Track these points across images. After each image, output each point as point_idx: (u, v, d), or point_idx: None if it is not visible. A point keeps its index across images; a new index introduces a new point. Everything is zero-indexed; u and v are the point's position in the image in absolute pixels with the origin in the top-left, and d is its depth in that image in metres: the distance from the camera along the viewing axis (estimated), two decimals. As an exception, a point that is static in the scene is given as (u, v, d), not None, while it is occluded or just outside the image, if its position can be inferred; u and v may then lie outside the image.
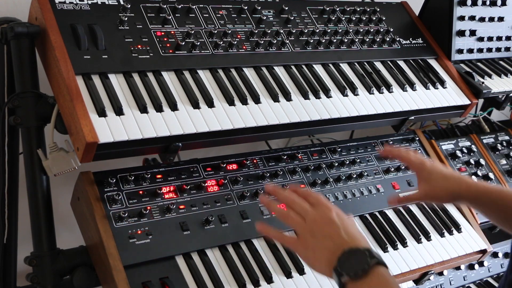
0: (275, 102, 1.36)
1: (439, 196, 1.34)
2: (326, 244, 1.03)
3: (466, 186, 1.32)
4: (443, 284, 1.62)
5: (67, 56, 1.19)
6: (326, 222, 1.06)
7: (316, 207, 1.09)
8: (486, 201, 1.31)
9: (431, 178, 1.32)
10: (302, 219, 1.08)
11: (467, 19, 1.82)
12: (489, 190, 1.32)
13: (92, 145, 1.10)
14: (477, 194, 1.31)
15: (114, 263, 1.17)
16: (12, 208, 1.38)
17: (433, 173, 1.33)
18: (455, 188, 1.31)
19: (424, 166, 1.34)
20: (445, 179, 1.32)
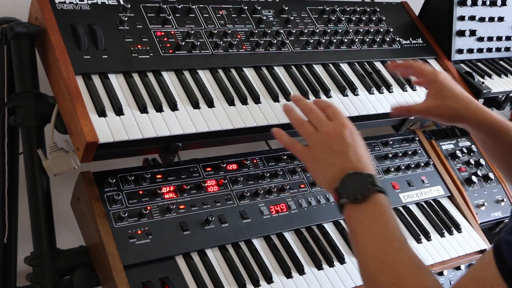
0: (275, 102, 1.36)
1: (443, 115, 1.29)
2: (333, 160, 1.05)
3: (474, 111, 1.26)
4: (443, 284, 1.62)
5: (67, 56, 1.19)
6: (337, 137, 1.06)
7: (333, 120, 1.09)
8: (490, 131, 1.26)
9: (441, 95, 1.27)
10: (315, 130, 1.09)
11: (467, 19, 1.82)
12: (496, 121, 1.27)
13: (92, 145, 1.10)
14: (483, 121, 1.26)
15: (114, 263, 1.17)
16: (12, 208, 1.38)
17: (444, 90, 1.28)
18: (462, 111, 1.26)
19: (437, 79, 1.28)
20: (455, 99, 1.27)
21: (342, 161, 1.04)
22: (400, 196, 1.62)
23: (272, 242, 1.37)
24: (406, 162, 1.70)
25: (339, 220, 1.49)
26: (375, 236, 0.97)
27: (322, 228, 1.46)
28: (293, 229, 1.42)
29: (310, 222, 1.45)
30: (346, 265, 1.39)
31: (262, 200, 1.41)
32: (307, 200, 1.47)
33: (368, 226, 0.98)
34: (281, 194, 1.45)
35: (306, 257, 1.38)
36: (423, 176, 1.71)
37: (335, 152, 1.06)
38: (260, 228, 1.37)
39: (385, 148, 1.71)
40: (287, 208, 1.43)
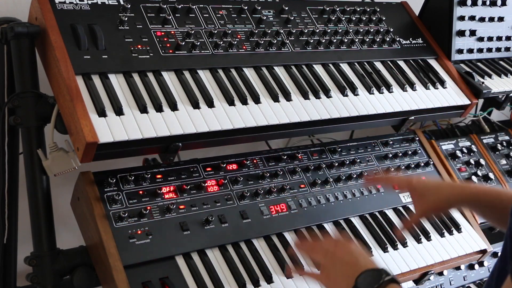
0: (275, 102, 1.36)
1: (438, 208, 1.36)
2: (345, 270, 1.12)
3: (460, 190, 1.34)
4: (443, 284, 1.62)
5: (67, 56, 1.19)
6: (346, 252, 1.15)
7: (336, 244, 1.19)
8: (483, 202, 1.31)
9: (424, 195, 1.34)
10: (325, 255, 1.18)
11: (467, 19, 1.82)
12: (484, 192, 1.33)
13: (92, 145, 1.10)
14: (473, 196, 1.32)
15: (114, 263, 1.17)
16: (12, 208, 1.38)
17: (424, 190, 1.35)
18: (450, 195, 1.33)
19: (412, 185, 1.37)
20: (438, 189, 1.34)
21: (353, 268, 1.11)
22: (400, 196, 1.62)
23: (272, 242, 1.37)
24: (406, 162, 1.70)
25: (339, 220, 1.49)
26: None
27: (322, 228, 1.46)
28: (293, 229, 1.42)
29: (310, 222, 1.45)
30: (346, 265, 1.39)
31: (262, 200, 1.41)
32: (307, 200, 1.47)
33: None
34: (281, 194, 1.45)
35: (306, 257, 1.38)
36: (423, 176, 1.70)
37: (347, 264, 1.13)
38: (260, 228, 1.37)
39: (385, 148, 1.71)
40: (287, 208, 1.43)
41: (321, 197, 1.49)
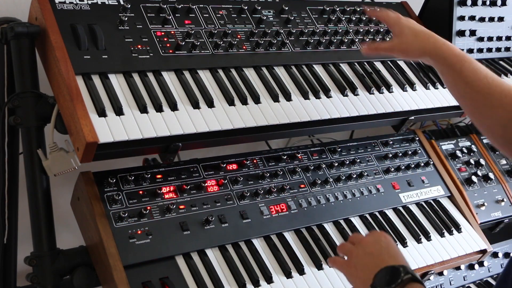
0: (275, 102, 1.36)
1: (407, 51, 1.38)
2: (367, 261, 1.12)
3: (433, 44, 1.34)
4: (443, 284, 1.62)
5: (67, 56, 1.19)
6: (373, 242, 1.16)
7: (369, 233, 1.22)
8: (445, 62, 1.31)
9: (402, 33, 1.37)
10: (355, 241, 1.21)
11: (467, 19, 1.82)
12: (452, 52, 1.31)
13: (92, 145, 1.10)
14: (440, 52, 1.32)
15: (114, 263, 1.17)
16: (12, 208, 1.38)
17: (405, 29, 1.37)
18: (422, 44, 1.34)
19: (398, 21, 1.39)
20: (415, 35, 1.36)
21: (375, 261, 1.10)
22: (400, 196, 1.62)
23: (272, 242, 1.37)
24: (406, 162, 1.70)
25: (339, 220, 1.49)
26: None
27: (322, 228, 1.46)
28: (293, 229, 1.42)
29: (310, 222, 1.45)
30: (346, 265, 1.39)
31: (262, 200, 1.41)
32: (307, 200, 1.47)
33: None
34: (281, 194, 1.45)
35: (306, 257, 1.38)
36: (423, 176, 1.71)
37: (369, 254, 1.13)
38: (260, 228, 1.37)
39: (385, 148, 1.71)
40: (287, 208, 1.43)
41: (321, 197, 1.50)
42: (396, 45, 1.38)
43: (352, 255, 1.18)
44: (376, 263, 1.09)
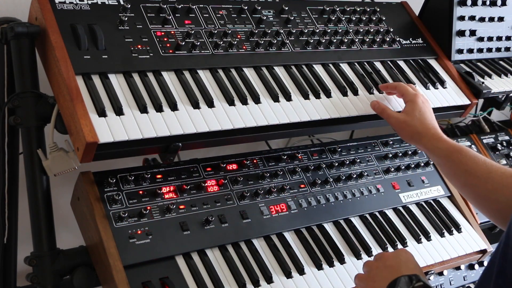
0: (275, 102, 1.36)
1: (405, 130, 1.40)
2: (385, 274, 1.16)
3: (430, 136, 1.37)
4: (443, 284, 1.62)
5: (67, 56, 1.19)
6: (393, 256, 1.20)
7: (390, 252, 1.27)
8: (442, 154, 1.34)
9: (412, 114, 1.39)
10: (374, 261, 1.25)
11: (467, 19, 1.82)
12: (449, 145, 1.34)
13: (92, 145, 1.10)
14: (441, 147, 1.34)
15: (114, 263, 1.17)
16: (12, 208, 1.38)
17: (416, 112, 1.39)
18: (420, 134, 1.37)
19: (414, 100, 1.41)
20: (421, 121, 1.38)
21: (393, 273, 1.14)
22: (400, 196, 1.62)
23: (272, 242, 1.37)
24: (406, 162, 1.70)
25: (339, 220, 1.49)
26: None
27: (322, 228, 1.46)
28: (293, 229, 1.42)
29: (310, 222, 1.45)
30: (346, 265, 1.40)
31: (262, 200, 1.41)
32: (307, 200, 1.47)
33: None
34: (281, 194, 1.45)
35: (306, 257, 1.38)
36: (423, 176, 1.71)
37: (388, 267, 1.17)
38: (260, 228, 1.37)
39: (385, 148, 1.71)
40: (287, 208, 1.43)
41: (321, 197, 1.50)
42: (400, 121, 1.40)
43: (372, 268, 1.22)
44: (393, 275, 1.13)
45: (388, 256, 1.21)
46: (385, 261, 1.20)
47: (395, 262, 1.18)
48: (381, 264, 1.20)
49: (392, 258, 1.20)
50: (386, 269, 1.17)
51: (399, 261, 1.18)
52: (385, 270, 1.17)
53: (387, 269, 1.17)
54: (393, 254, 1.22)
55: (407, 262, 1.18)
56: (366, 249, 1.45)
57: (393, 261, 1.19)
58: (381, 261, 1.21)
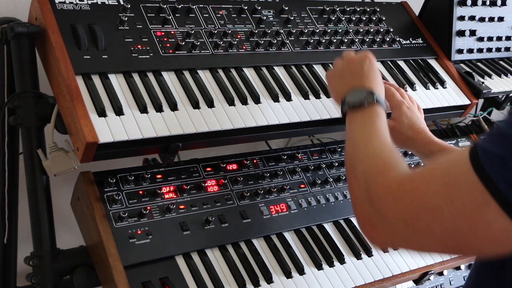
0: (275, 102, 1.36)
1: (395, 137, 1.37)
2: (347, 78, 1.23)
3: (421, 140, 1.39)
4: (443, 284, 1.62)
5: (67, 56, 1.19)
6: (357, 62, 1.25)
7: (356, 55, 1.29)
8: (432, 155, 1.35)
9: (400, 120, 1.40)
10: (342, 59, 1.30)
11: (467, 19, 1.82)
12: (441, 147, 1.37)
13: (92, 145, 1.11)
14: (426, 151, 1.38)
15: (114, 263, 1.17)
16: (12, 208, 1.38)
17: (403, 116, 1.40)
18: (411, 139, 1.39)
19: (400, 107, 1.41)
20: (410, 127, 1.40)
21: (353, 79, 1.22)
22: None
23: (272, 242, 1.37)
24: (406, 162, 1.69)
25: (339, 220, 1.49)
26: (366, 131, 1.10)
27: (322, 228, 1.46)
28: (293, 229, 1.42)
29: (310, 222, 1.45)
30: (346, 265, 1.39)
31: (262, 200, 1.41)
32: (307, 200, 1.47)
33: (362, 125, 1.12)
34: (281, 194, 1.45)
35: (306, 257, 1.38)
36: (423, 176, 1.70)
37: (351, 72, 1.24)
38: (260, 228, 1.37)
39: (385, 148, 1.71)
40: (287, 208, 1.43)
41: (321, 197, 1.50)
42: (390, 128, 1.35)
43: (338, 69, 1.29)
44: (354, 82, 1.20)
45: (353, 60, 1.26)
46: (350, 65, 1.25)
47: (358, 69, 1.23)
48: (346, 67, 1.26)
49: (357, 63, 1.25)
50: (348, 74, 1.24)
51: (361, 68, 1.23)
52: (348, 75, 1.24)
53: (349, 74, 1.24)
54: (359, 59, 1.26)
55: (368, 71, 1.23)
56: (366, 249, 1.45)
57: (356, 67, 1.24)
58: (346, 64, 1.27)
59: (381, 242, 0.96)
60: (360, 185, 0.97)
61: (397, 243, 0.93)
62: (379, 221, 0.90)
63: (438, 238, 0.83)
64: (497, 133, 0.79)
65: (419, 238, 0.85)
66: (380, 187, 0.92)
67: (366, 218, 0.93)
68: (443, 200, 0.80)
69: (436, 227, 0.81)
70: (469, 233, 0.79)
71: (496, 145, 0.76)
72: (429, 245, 0.88)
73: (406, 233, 0.86)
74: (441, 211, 0.80)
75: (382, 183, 0.92)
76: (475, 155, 0.78)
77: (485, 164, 0.76)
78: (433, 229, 0.82)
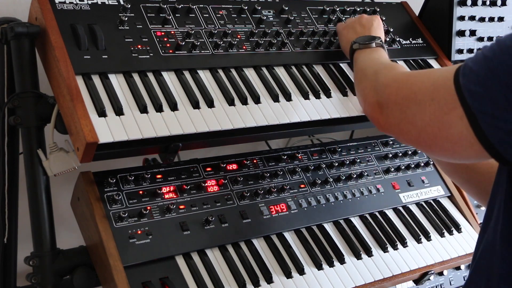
0: (275, 102, 1.36)
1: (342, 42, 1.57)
2: (357, 28, 1.46)
3: None
4: (443, 284, 1.62)
5: (67, 56, 1.19)
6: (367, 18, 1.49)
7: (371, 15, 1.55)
8: None
9: None
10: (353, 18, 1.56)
11: (467, 19, 1.82)
12: None
13: (92, 145, 1.10)
14: None
15: (114, 263, 1.17)
16: (12, 208, 1.38)
17: None
18: None
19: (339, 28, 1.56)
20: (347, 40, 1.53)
21: (363, 30, 1.44)
22: (400, 196, 1.62)
23: (272, 242, 1.37)
24: (406, 162, 1.70)
25: (339, 220, 1.49)
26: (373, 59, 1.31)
27: (322, 228, 1.46)
28: (293, 229, 1.42)
29: (310, 222, 1.45)
30: (346, 265, 1.40)
31: (262, 200, 1.41)
32: (307, 200, 1.47)
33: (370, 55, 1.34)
34: (281, 194, 1.45)
35: (306, 257, 1.38)
36: (423, 176, 1.71)
37: (360, 24, 1.47)
38: (260, 228, 1.37)
39: (385, 148, 1.71)
40: (287, 208, 1.43)
41: (321, 197, 1.50)
42: None
43: (349, 22, 1.52)
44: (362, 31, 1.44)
45: (364, 17, 1.49)
46: (361, 20, 1.48)
47: (368, 23, 1.46)
48: (357, 21, 1.48)
49: (367, 19, 1.48)
50: (359, 26, 1.46)
51: (371, 24, 1.46)
52: (358, 26, 1.46)
53: (360, 26, 1.46)
54: (369, 16, 1.50)
55: (377, 27, 1.46)
56: (366, 249, 1.45)
57: (366, 22, 1.47)
58: (358, 18, 1.50)
59: (382, 122, 1.11)
60: (371, 80, 1.19)
61: (394, 127, 1.08)
62: (383, 104, 1.10)
63: (418, 128, 1.00)
64: (481, 54, 0.90)
65: (406, 124, 1.02)
66: (388, 77, 1.13)
67: (374, 102, 1.13)
68: (428, 97, 0.97)
69: (418, 118, 0.99)
70: (436, 130, 0.95)
71: (473, 60, 0.90)
72: (412, 134, 1.02)
73: (399, 117, 1.04)
74: (424, 105, 0.97)
75: (390, 75, 1.14)
76: (459, 67, 0.93)
77: (461, 75, 0.90)
78: (416, 120, 0.99)
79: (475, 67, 0.89)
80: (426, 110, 0.96)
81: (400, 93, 1.05)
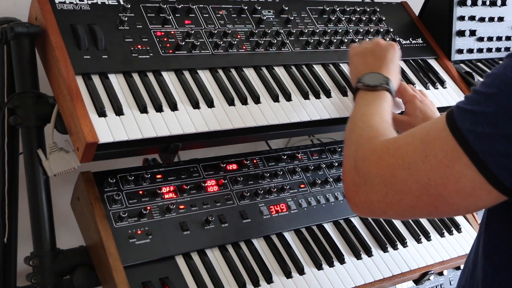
0: (275, 102, 1.36)
1: None
2: (370, 60, 1.32)
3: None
4: (443, 284, 1.62)
5: (67, 56, 1.19)
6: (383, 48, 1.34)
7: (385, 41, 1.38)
8: None
9: (415, 114, 1.40)
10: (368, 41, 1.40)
11: (467, 19, 1.82)
12: None
13: (92, 145, 1.10)
14: None
15: (114, 263, 1.17)
16: (12, 208, 1.38)
17: (417, 110, 1.40)
18: None
19: (413, 101, 1.41)
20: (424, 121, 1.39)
21: (374, 63, 1.30)
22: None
23: (272, 242, 1.37)
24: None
25: (339, 220, 1.49)
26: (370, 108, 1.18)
27: (322, 228, 1.46)
28: (293, 229, 1.42)
29: (310, 222, 1.45)
30: (346, 265, 1.40)
31: (262, 200, 1.41)
32: (307, 200, 1.47)
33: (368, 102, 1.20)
34: (281, 194, 1.45)
35: (306, 257, 1.38)
36: (423, 176, 1.70)
37: (374, 56, 1.32)
38: (260, 228, 1.37)
39: (385, 148, 1.71)
40: (287, 208, 1.43)
41: (321, 197, 1.50)
42: (406, 123, 1.40)
43: (363, 47, 1.37)
44: (374, 65, 1.29)
45: (381, 45, 1.34)
46: (375, 48, 1.34)
47: (381, 55, 1.32)
48: (370, 48, 1.34)
49: (382, 49, 1.33)
50: (373, 56, 1.32)
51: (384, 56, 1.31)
52: (371, 57, 1.32)
53: (373, 57, 1.32)
54: (385, 45, 1.34)
55: (391, 60, 1.31)
56: (366, 249, 1.45)
57: (380, 53, 1.32)
58: (372, 46, 1.35)
59: (362, 204, 0.97)
60: (351, 152, 1.03)
61: (376, 204, 0.94)
62: (361, 181, 0.96)
63: (414, 194, 0.88)
64: (473, 92, 0.84)
65: (396, 195, 0.90)
66: (366, 150, 0.99)
67: (351, 182, 0.98)
68: (419, 156, 0.87)
69: (412, 182, 0.88)
70: (441, 187, 0.84)
71: (469, 102, 0.83)
72: (406, 204, 0.90)
73: (384, 190, 0.91)
74: (417, 166, 0.87)
75: (369, 147, 0.99)
76: (451, 113, 0.85)
77: (457, 120, 0.83)
78: (409, 185, 0.88)
79: (476, 108, 0.81)
80: (420, 170, 0.87)
81: (382, 164, 0.93)
